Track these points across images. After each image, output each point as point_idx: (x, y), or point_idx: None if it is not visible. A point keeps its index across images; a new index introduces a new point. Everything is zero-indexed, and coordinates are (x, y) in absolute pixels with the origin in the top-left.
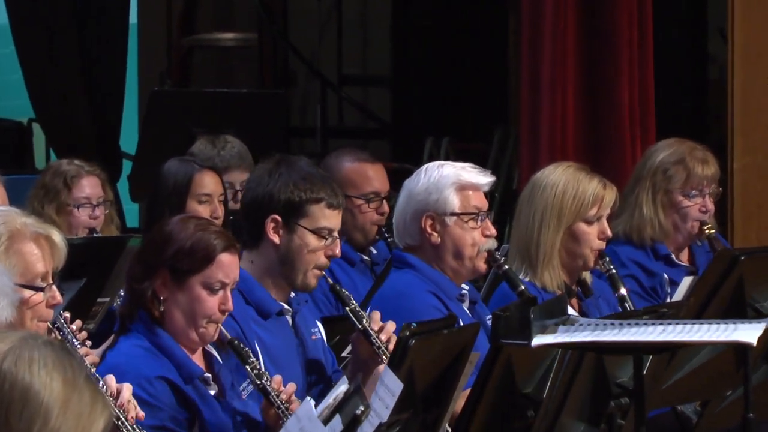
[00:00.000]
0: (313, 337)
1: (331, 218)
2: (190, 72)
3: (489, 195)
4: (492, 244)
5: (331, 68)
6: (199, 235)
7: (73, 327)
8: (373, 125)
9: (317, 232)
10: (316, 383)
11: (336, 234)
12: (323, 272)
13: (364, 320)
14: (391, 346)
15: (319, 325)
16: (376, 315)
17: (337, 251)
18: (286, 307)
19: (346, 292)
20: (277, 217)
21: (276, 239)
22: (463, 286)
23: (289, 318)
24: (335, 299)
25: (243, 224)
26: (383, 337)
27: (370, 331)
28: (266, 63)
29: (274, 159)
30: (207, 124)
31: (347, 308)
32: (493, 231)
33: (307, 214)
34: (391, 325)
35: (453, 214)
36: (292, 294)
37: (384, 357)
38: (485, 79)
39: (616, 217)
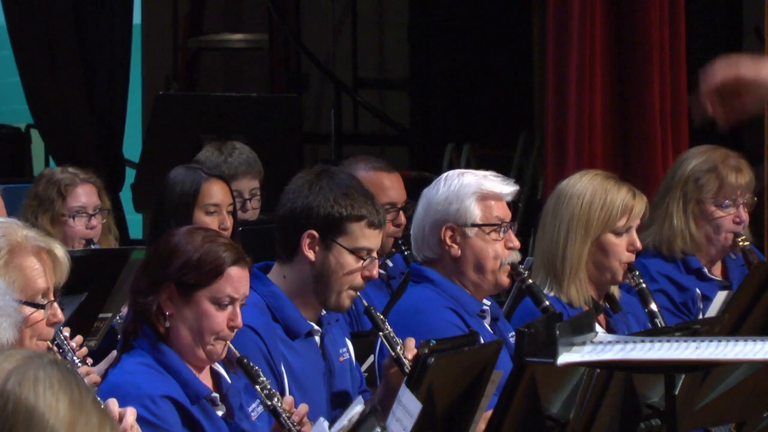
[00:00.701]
0: (341, 359)
1: (371, 237)
2: (197, 75)
3: (512, 205)
4: (515, 257)
5: (346, 71)
6: (207, 248)
7: (73, 344)
8: (391, 131)
9: (355, 252)
10: (339, 398)
11: (375, 254)
12: (358, 293)
13: (398, 347)
14: None
15: (349, 343)
16: (411, 342)
17: (375, 272)
18: (316, 327)
19: (381, 316)
20: (314, 232)
21: (311, 256)
22: (485, 301)
23: (317, 338)
24: (368, 320)
25: (277, 236)
26: None
27: (404, 360)
28: (277, 65)
29: (315, 170)
30: (215, 129)
31: (381, 333)
32: (516, 243)
33: (346, 232)
34: None
35: (474, 225)
36: (323, 312)
37: None
38: (508, 82)
39: (645, 228)
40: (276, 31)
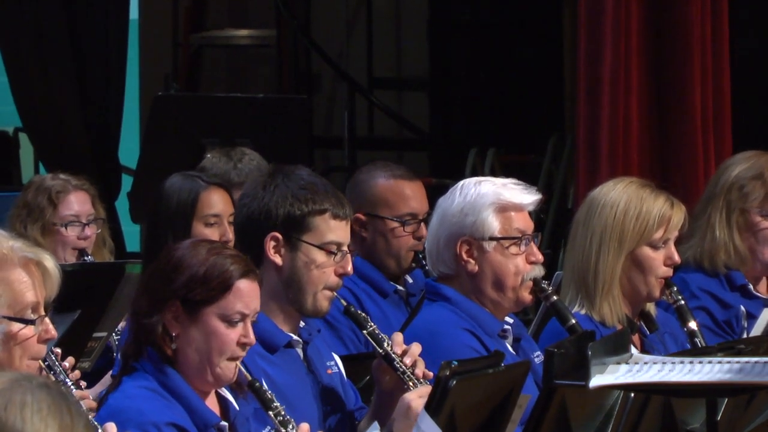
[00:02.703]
0: (329, 371)
1: (337, 230)
2: (199, 74)
3: (538, 215)
4: (538, 271)
5: (361, 70)
6: (213, 261)
7: (66, 364)
8: (409, 135)
9: (324, 247)
10: (332, 412)
11: (346, 248)
12: (335, 294)
13: (385, 343)
14: (418, 371)
15: (336, 357)
16: (399, 337)
17: (349, 268)
18: (295, 338)
19: (362, 314)
20: (277, 234)
21: (278, 260)
22: (507, 319)
23: (299, 350)
24: (353, 323)
25: (239, 246)
26: (408, 360)
27: (393, 356)
28: (286, 64)
29: (268, 169)
30: (218, 133)
31: (364, 331)
32: (539, 257)
33: (310, 228)
34: (416, 347)
35: (492, 238)
36: (302, 323)
37: (410, 383)
38: (537, 82)
39: (685, 240)
40: (284, 27)
